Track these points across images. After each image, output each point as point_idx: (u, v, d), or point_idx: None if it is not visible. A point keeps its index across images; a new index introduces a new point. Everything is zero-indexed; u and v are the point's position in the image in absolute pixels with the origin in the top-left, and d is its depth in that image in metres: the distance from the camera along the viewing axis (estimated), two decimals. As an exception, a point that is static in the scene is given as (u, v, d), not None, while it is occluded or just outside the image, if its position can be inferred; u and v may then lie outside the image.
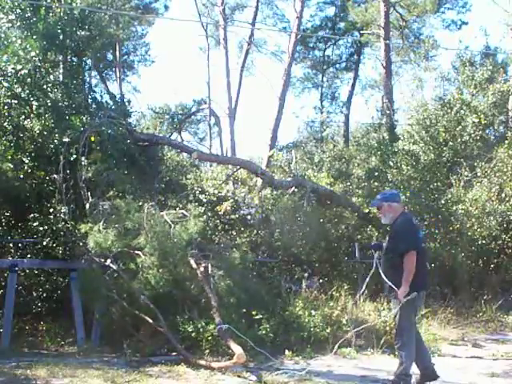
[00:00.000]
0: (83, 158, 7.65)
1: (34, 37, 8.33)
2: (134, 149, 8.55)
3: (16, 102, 8.36)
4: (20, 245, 8.40)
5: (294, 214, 9.63)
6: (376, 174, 11.75)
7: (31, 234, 8.07)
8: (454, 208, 10.42)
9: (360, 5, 24.28)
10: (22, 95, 8.39)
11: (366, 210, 10.73)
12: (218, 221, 9.49)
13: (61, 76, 8.99)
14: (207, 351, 6.52)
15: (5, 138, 8.31)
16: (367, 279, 6.18)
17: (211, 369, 6.01)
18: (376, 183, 11.47)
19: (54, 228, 7.80)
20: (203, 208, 8.64)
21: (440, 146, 11.46)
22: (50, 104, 8.34)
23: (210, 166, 12.84)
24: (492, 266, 10.89)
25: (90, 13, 9.26)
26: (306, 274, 9.23)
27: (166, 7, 26.70)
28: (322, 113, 27.46)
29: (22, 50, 8.17)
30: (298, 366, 6.31)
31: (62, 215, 7.60)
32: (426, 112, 11.73)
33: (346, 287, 8.63)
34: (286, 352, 6.72)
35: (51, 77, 8.82)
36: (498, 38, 38.98)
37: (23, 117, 8.38)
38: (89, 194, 7.50)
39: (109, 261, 6.97)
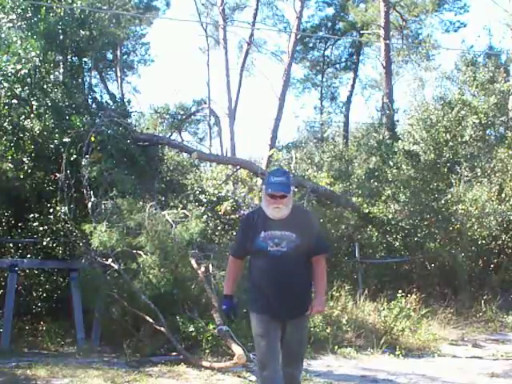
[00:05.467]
0: (85, 158, 7.65)
1: (35, 37, 8.31)
2: (134, 149, 8.54)
3: (16, 101, 8.36)
4: (20, 245, 8.41)
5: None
6: (376, 173, 11.75)
7: (31, 233, 8.07)
8: (454, 208, 10.42)
9: (360, 5, 24.31)
10: (22, 95, 8.38)
11: (366, 210, 10.73)
12: (218, 221, 9.49)
13: (61, 76, 8.98)
14: (207, 351, 6.52)
15: (5, 138, 8.31)
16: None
17: (211, 369, 6.01)
18: (376, 183, 11.48)
19: (54, 228, 7.81)
20: (203, 208, 8.64)
21: (440, 146, 11.46)
22: (50, 104, 8.34)
23: (210, 166, 12.83)
24: (492, 266, 10.90)
25: (91, 13, 9.25)
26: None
27: (168, 4, 26.69)
28: (322, 113, 27.45)
29: (22, 50, 8.16)
30: (298, 366, 6.30)
31: (62, 215, 7.60)
32: (426, 112, 11.73)
33: (346, 287, 8.63)
34: (286, 352, 6.71)
35: (51, 77, 8.81)
36: (497, 39, 38.97)
37: (23, 117, 8.37)
38: (91, 193, 7.50)
39: (110, 260, 6.98)
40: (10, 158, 8.21)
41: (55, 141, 8.11)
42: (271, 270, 3.80)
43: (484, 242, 10.57)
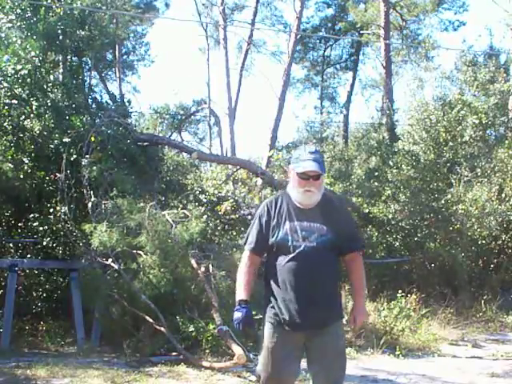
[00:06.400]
0: (85, 158, 7.65)
1: (34, 37, 8.31)
2: (134, 149, 8.54)
3: (16, 102, 8.35)
4: (20, 245, 8.41)
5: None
6: (376, 173, 11.75)
7: (31, 233, 8.07)
8: (454, 208, 10.42)
9: (360, 5, 24.30)
10: (22, 95, 8.38)
11: (366, 210, 10.72)
12: (218, 221, 9.48)
13: (61, 76, 8.98)
14: (207, 351, 6.51)
15: (5, 138, 8.31)
16: None
17: (211, 369, 6.01)
18: (376, 183, 11.47)
19: (54, 228, 7.80)
20: (203, 208, 8.64)
21: (440, 146, 11.46)
22: (50, 104, 8.34)
23: (210, 166, 12.83)
24: (492, 266, 10.89)
25: (90, 13, 9.26)
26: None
27: (167, 5, 26.77)
28: (321, 113, 27.46)
29: (22, 50, 8.16)
30: (298, 366, 6.30)
31: (62, 215, 7.59)
32: (426, 112, 11.73)
33: (346, 287, 8.62)
34: (287, 352, 6.71)
35: (51, 77, 8.81)
36: (497, 39, 38.97)
37: (23, 117, 8.37)
38: (91, 193, 7.50)
39: (110, 260, 6.97)
40: (10, 157, 8.21)
41: (55, 141, 8.11)
42: (297, 270, 3.11)
43: (484, 242, 10.56)
